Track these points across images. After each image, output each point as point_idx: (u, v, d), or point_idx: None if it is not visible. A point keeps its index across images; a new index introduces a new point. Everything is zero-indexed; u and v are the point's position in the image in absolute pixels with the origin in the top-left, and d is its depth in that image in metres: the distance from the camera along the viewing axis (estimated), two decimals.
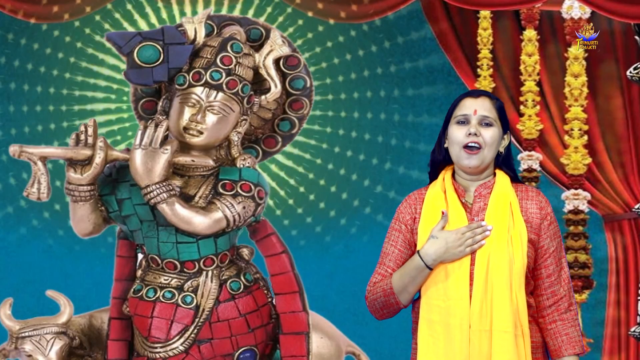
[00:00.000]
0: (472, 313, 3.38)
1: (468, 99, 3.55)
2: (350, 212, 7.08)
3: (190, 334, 3.66)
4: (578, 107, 6.86)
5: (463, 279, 3.41)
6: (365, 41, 7.11)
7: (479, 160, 3.48)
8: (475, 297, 3.39)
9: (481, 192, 3.51)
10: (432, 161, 3.60)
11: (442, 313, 3.41)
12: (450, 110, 3.55)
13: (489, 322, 3.38)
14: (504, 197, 3.48)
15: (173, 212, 3.54)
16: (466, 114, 3.50)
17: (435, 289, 3.44)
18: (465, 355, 3.38)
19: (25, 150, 3.53)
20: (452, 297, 3.40)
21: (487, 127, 3.49)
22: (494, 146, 3.50)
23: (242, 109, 3.69)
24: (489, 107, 3.52)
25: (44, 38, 7.03)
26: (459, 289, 3.40)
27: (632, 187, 6.87)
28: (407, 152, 7.10)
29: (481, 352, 3.37)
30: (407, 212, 3.55)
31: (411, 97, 7.10)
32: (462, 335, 3.38)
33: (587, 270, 6.90)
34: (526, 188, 3.55)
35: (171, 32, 3.67)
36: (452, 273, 3.42)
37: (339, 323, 4.47)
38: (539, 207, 3.50)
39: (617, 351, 6.84)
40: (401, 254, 3.52)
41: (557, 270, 3.49)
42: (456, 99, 3.58)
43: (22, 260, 6.94)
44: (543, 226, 3.49)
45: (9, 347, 3.94)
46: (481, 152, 3.47)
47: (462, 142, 3.47)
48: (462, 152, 3.48)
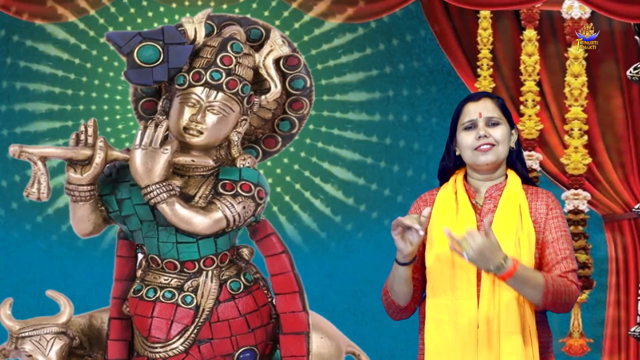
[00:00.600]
0: (480, 314, 3.40)
1: (470, 103, 3.57)
2: (351, 212, 7.07)
3: (190, 334, 3.65)
4: (578, 107, 6.86)
5: (470, 279, 3.43)
6: (365, 42, 7.11)
7: (495, 156, 3.52)
8: (483, 298, 3.41)
9: (492, 194, 3.54)
10: (442, 169, 3.63)
11: (451, 313, 3.43)
12: (455, 119, 3.58)
13: (497, 324, 3.39)
14: (513, 199, 3.50)
15: (173, 212, 3.54)
16: (472, 119, 3.54)
17: (442, 289, 3.46)
18: (474, 355, 3.39)
19: (25, 150, 3.53)
20: (460, 297, 3.43)
21: (494, 127, 3.54)
22: (506, 142, 3.55)
23: (242, 109, 3.69)
24: (492, 107, 3.55)
25: (48, 38, 7.04)
26: (466, 289, 3.42)
27: (632, 187, 6.87)
28: (407, 152, 7.09)
29: (490, 352, 3.38)
30: (416, 212, 3.60)
31: (411, 97, 7.10)
32: (471, 335, 3.40)
33: (587, 270, 6.90)
34: (537, 190, 3.57)
35: (171, 32, 3.67)
36: (460, 273, 3.44)
37: (339, 323, 4.47)
38: (547, 206, 3.52)
39: (617, 351, 6.84)
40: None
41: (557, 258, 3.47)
42: (458, 106, 3.61)
43: (22, 260, 6.94)
44: (546, 221, 3.50)
45: (9, 347, 3.94)
46: (495, 148, 3.52)
47: (473, 146, 3.52)
48: (475, 152, 3.52)
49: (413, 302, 3.56)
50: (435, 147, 6.91)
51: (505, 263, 3.32)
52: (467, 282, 3.43)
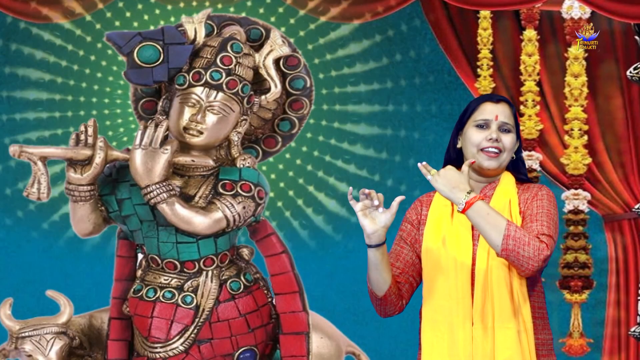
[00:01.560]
0: (475, 311, 3.41)
1: (488, 103, 3.57)
2: (350, 212, 7.07)
3: (190, 334, 3.65)
4: (578, 107, 6.86)
5: (465, 277, 3.45)
6: (364, 41, 7.10)
7: (498, 163, 3.53)
8: (477, 294, 3.43)
9: (486, 193, 3.56)
10: (446, 161, 3.63)
11: (445, 313, 3.44)
12: (468, 112, 3.57)
13: (491, 319, 3.41)
14: (504, 196, 3.52)
15: (173, 212, 3.54)
16: (487, 119, 3.54)
17: (437, 289, 3.47)
18: (469, 352, 3.41)
19: (25, 150, 3.53)
20: (454, 297, 3.44)
21: (506, 133, 3.55)
22: (511, 151, 3.57)
23: (242, 109, 3.69)
24: (508, 114, 3.57)
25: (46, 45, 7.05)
26: (461, 287, 3.44)
27: (632, 187, 6.87)
28: (407, 152, 7.09)
29: (484, 349, 3.40)
30: (413, 213, 3.63)
31: (411, 97, 7.10)
32: (465, 333, 3.42)
33: (587, 270, 6.90)
34: (529, 185, 3.58)
35: (171, 32, 3.66)
36: (454, 272, 3.46)
37: (339, 323, 4.48)
38: (534, 195, 3.51)
39: (617, 351, 6.84)
40: (402, 249, 3.59)
41: (531, 222, 3.43)
42: (473, 102, 3.61)
43: (22, 260, 6.94)
44: (530, 203, 3.49)
45: (9, 347, 3.94)
46: (500, 155, 3.52)
47: (480, 146, 3.52)
48: (481, 154, 3.51)
49: (395, 297, 3.53)
50: (434, 147, 6.91)
51: (469, 194, 3.33)
52: (461, 282, 3.45)
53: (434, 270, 3.49)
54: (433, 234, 3.52)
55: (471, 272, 3.45)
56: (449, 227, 3.51)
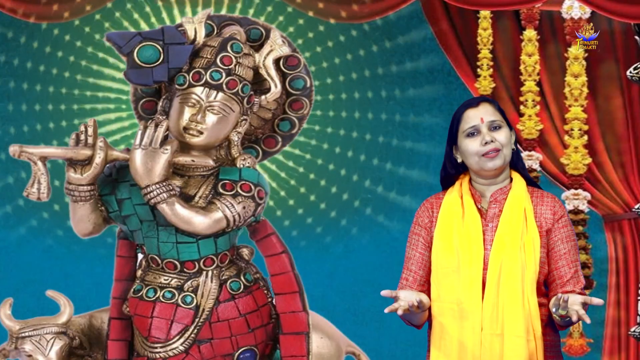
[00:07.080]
0: (484, 317, 3.41)
1: (469, 110, 3.57)
2: (351, 212, 7.07)
3: (190, 334, 3.66)
4: (578, 107, 6.86)
5: (475, 282, 3.45)
6: (365, 41, 7.10)
7: (502, 160, 3.52)
8: (487, 301, 3.42)
9: (497, 198, 3.55)
10: (444, 177, 3.64)
11: (455, 316, 3.45)
12: (454, 126, 3.57)
13: (500, 327, 3.41)
14: (518, 203, 3.51)
15: (173, 212, 3.54)
16: (474, 125, 3.53)
17: (447, 292, 3.48)
18: (477, 357, 3.40)
19: (25, 150, 3.53)
20: (464, 300, 3.44)
21: (497, 130, 3.54)
22: (509, 145, 3.56)
23: (242, 109, 3.69)
24: (492, 111, 3.56)
25: (44, 37, 7.03)
26: (471, 292, 3.44)
27: (632, 187, 6.87)
28: (407, 152, 7.09)
29: (492, 355, 3.41)
30: (425, 216, 3.62)
31: (411, 97, 7.10)
32: (475, 338, 3.42)
33: (587, 271, 6.90)
34: (542, 193, 3.58)
35: (171, 32, 3.67)
36: (464, 277, 3.46)
37: (339, 323, 4.47)
38: (553, 211, 3.53)
39: (617, 351, 6.84)
40: (422, 256, 3.58)
41: (570, 272, 3.50)
42: (456, 113, 3.60)
43: (22, 260, 6.94)
44: (555, 229, 3.50)
45: (9, 347, 3.94)
46: (501, 152, 3.52)
47: (480, 152, 3.52)
48: (483, 158, 3.51)
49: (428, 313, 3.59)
50: (435, 147, 6.90)
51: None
52: (471, 286, 3.45)
53: (444, 275, 3.49)
54: (444, 237, 3.52)
55: (482, 278, 3.45)
56: (459, 230, 3.51)
